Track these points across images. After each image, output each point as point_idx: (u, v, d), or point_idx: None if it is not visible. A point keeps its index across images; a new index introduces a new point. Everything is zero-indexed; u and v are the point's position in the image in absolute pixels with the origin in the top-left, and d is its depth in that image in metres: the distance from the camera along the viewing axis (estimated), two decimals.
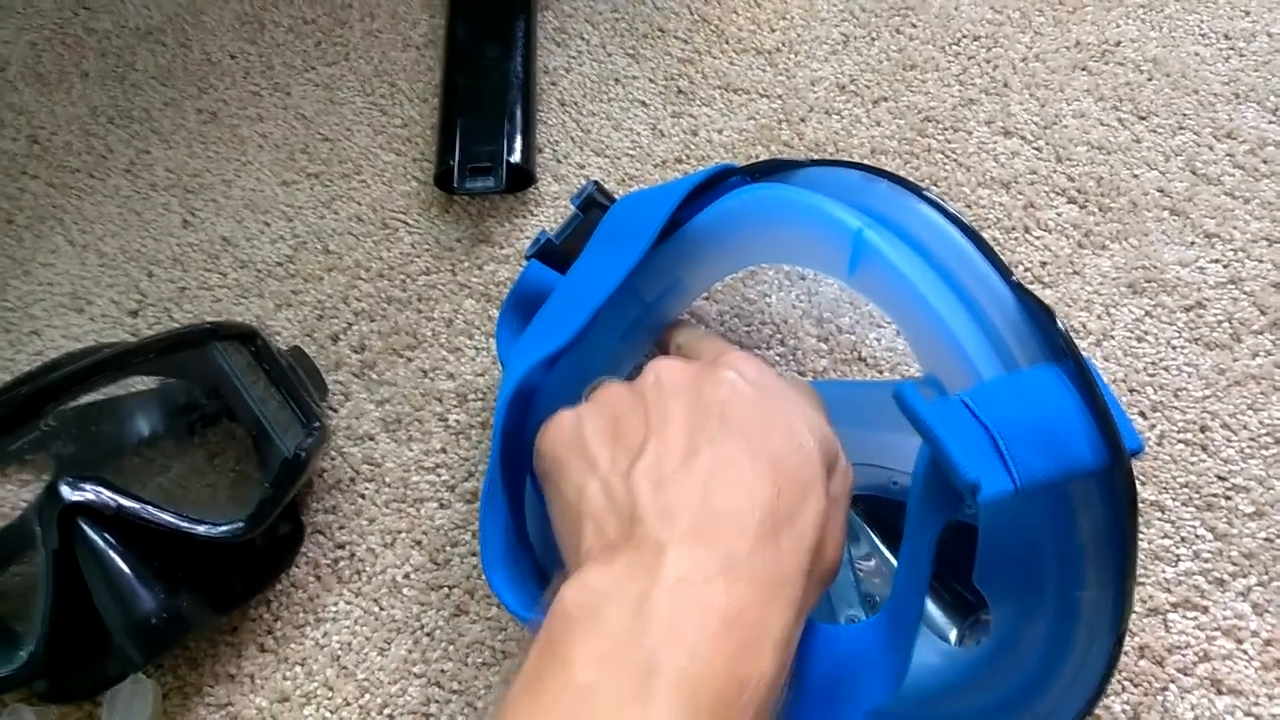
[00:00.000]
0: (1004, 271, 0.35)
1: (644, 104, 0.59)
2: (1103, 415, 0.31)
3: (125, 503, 0.40)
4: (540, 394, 0.42)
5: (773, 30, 0.61)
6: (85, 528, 0.39)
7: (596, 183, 0.44)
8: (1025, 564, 0.34)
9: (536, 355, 0.39)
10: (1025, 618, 0.34)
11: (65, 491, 0.39)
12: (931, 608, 0.40)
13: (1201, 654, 0.42)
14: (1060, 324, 0.32)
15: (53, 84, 0.62)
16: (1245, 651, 0.41)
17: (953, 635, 0.39)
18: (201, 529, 0.41)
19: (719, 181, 0.42)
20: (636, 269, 0.40)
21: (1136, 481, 0.44)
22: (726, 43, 0.61)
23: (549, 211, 0.56)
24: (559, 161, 0.57)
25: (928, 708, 0.37)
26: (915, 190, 0.37)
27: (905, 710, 0.36)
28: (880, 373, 0.49)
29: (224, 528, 0.41)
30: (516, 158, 0.55)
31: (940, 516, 0.33)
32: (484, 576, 0.45)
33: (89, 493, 0.39)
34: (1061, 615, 0.33)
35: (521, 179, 0.56)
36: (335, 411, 0.50)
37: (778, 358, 0.50)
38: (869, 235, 0.36)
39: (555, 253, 0.44)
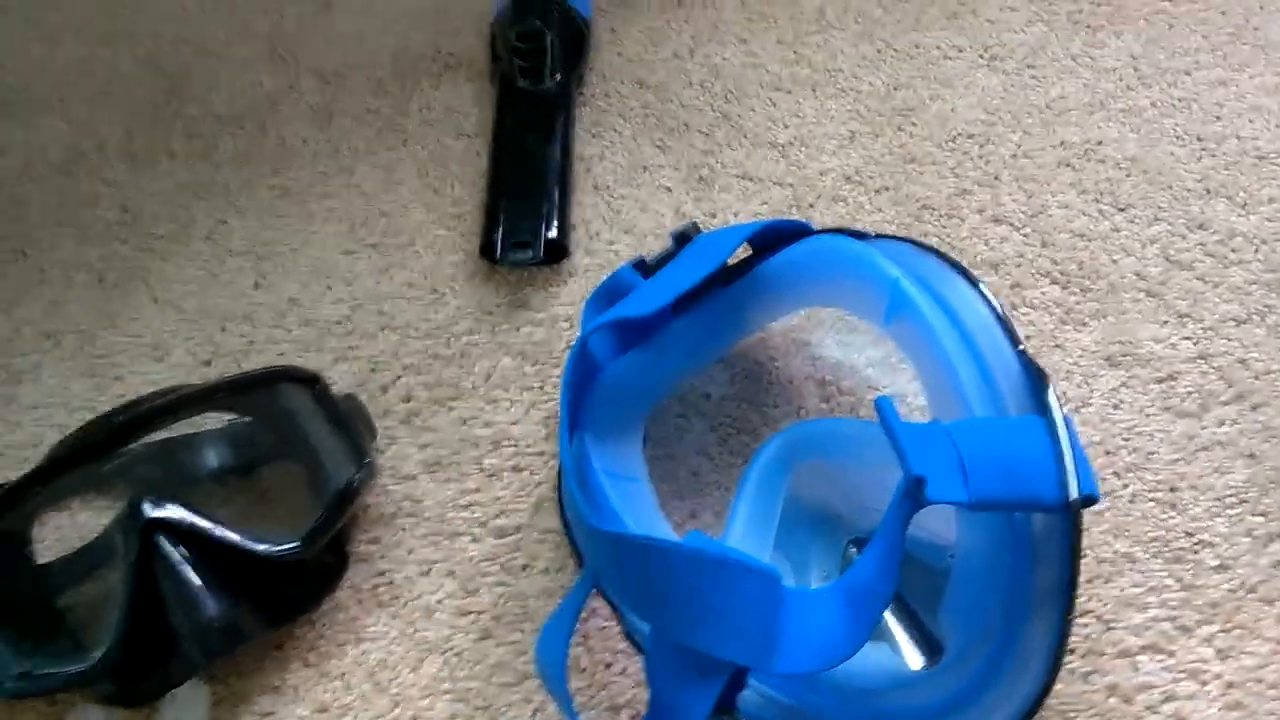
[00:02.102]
0: (1015, 340, 0.41)
1: (669, 189, 0.65)
2: (1063, 458, 0.36)
3: (198, 521, 0.45)
4: (610, 374, 0.50)
5: (786, 126, 0.68)
6: (162, 541, 0.44)
7: (695, 222, 0.53)
8: (985, 596, 0.38)
9: (607, 318, 0.47)
10: (972, 643, 0.38)
11: (146, 509, 0.44)
12: (904, 640, 0.44)
13: (1167, 694, 0.45)
14: (1050, 388, 0.38)
15: (143, 161, 0.70)
16: (1209, 692, 0.45)
17: (916, 667, 0.43)
18: (261, 547, 0.46)
19: (791, 237, 0.50)
20: (710, 301, 0.50)
21: (1111, 535, 0.49)
22: (744, 137, 0.67)
23: (581, 282, 0.62)
24: (591, 238, 0.64)
25: (866, 699, 0.41)
26: (955, 266, 0.44)
27: (843, 694, 0.41)
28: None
29: (281, 547, 0.46)
30: (554, 234, 0.62)
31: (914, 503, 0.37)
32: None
33: (167, 510, 0.44)
34: (1005, 643, 0.37)
35: (557, 253, 0.62)
36: (382, 453, 0.56)
37: (784, 414, 0.55)
38: (905, 285, 0.43)
39: (647, 269, 0.52)
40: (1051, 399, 0.38)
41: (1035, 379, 0.39)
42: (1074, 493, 0.35)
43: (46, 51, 0.78)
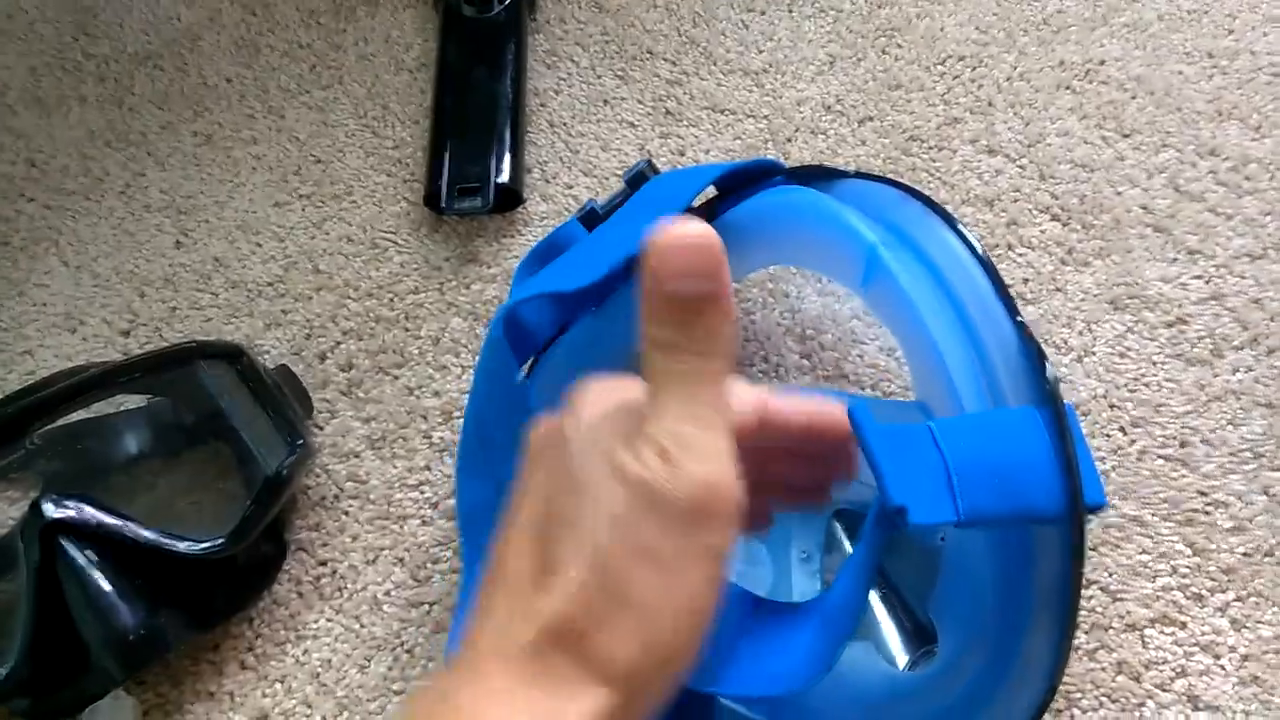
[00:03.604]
0: (1012, 310, 0.35)
1: (632, 125, 0.60)
2: (1068, 465, 0.31)
3: (107, 520, 0.40)
4: (559, 346, 0.45)
5: (760, 51, 0.61)
6: (67, 545, 0.40)
7: (649, 160, 0.46)
8: (978, 598, 0.34)
9: (536, 289, 0.40)
10: (968, 649, 0.34)
11: (48, 509, 0.39)
12: (890, 630, 0.40)
13: (1179, 669, 0.41)
14: (1049, 371, 0.33)
15: (51, 108, 0.63)
16: (1223, 667, 0.41)
17: (903, 661, 0.39)
18: (182, 546, 0.41)
19: (761, 177, 0.44)
20: None
21: (1117, 498, 0.45)
22: (714, 64, 0.61)
23: (536, 230, 0.56)
24: (547, 182, 0.58)
25: (860, 712, 0.37)
26: (944, 216, 0.38)
27: (837, 709, 0.36)
28: (862, 389, 0.49)
29: (205, 545, 0.42)
30: (504, 178, 0.56)
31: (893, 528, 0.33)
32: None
33: (71, 510, 0.40)
34: (1000, 654, 0.33)
35: (509, 199, 0.57)
36: (321, 429, 0.51)
37: (760, 374, 0.50)
38: (882, 253, 0.37)
39: (598, 221, 0.46)
40: (1053, 385, 0.33)
41: (1034, 361, 0.34)
42: (1078, 504, 0.31)
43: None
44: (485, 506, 0.38)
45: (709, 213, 0.46)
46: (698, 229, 0.25)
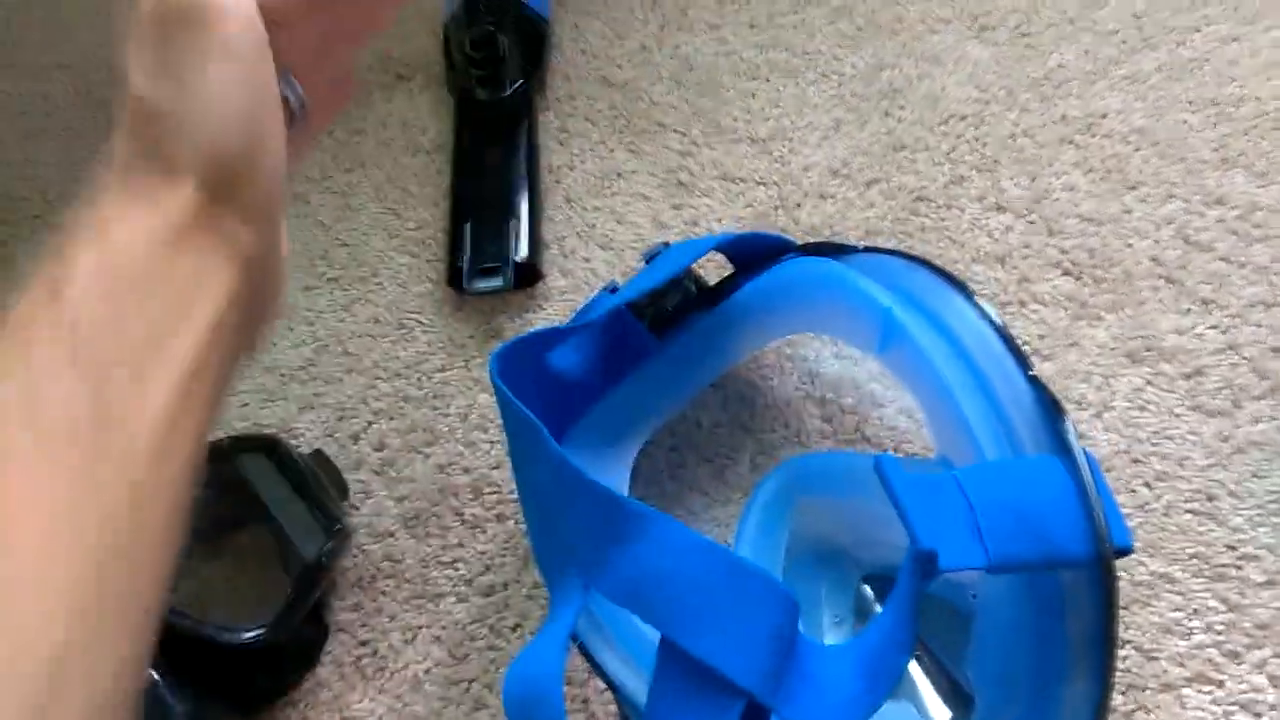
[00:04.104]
0: (1025, 365, 0.37)
1: (645, 197, 0.61)
2: (1092, 507, 0.32)
3: None
4: (592, 411, 0.48)
5: (766, 119, 0.63)
6: None
7: (666, 244, 0.49)
8: (1013, 653, 0.34)
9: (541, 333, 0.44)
10: (1005, 703, 0.35)
11: None
12: (929, 692, 0.41)
13: None
14: (1067, 423, 0.34)
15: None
16: None
17: None
18: (226, 637, 0.42)
19: (773, 255, 0.47)
20: (692, 328, 0.47)
21: (1145, 554, 0.45)
22: (722, 133, 0.63)
23: (557, 305, 0.58)
24: (565, 256, 0.59)
25: None
26: (950, 280, 0.40)
27: None
28: (884, 450, 0.50)
29: (247, 635, 0.43)
30: (523, 256, 0.57)
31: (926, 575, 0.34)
32: (502, 668, 0.46)
33: None
34: (1038, 707, 0.33)
35: (529, 276, 0.58)
36: (357, 509, 0.52)
37: (782, 439, 0.51)
38: (898, 314, 0.39)
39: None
40: (1069, 434, 0.34)
41: (1050, 410, 0.35)
42: (1105, 545, 0.32)
43: None
44: (548, 549, 0.40)
45: (727, 288, 0.48)
46: None
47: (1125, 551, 0.32)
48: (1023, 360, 0.37)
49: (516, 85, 0.63)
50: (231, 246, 0.28)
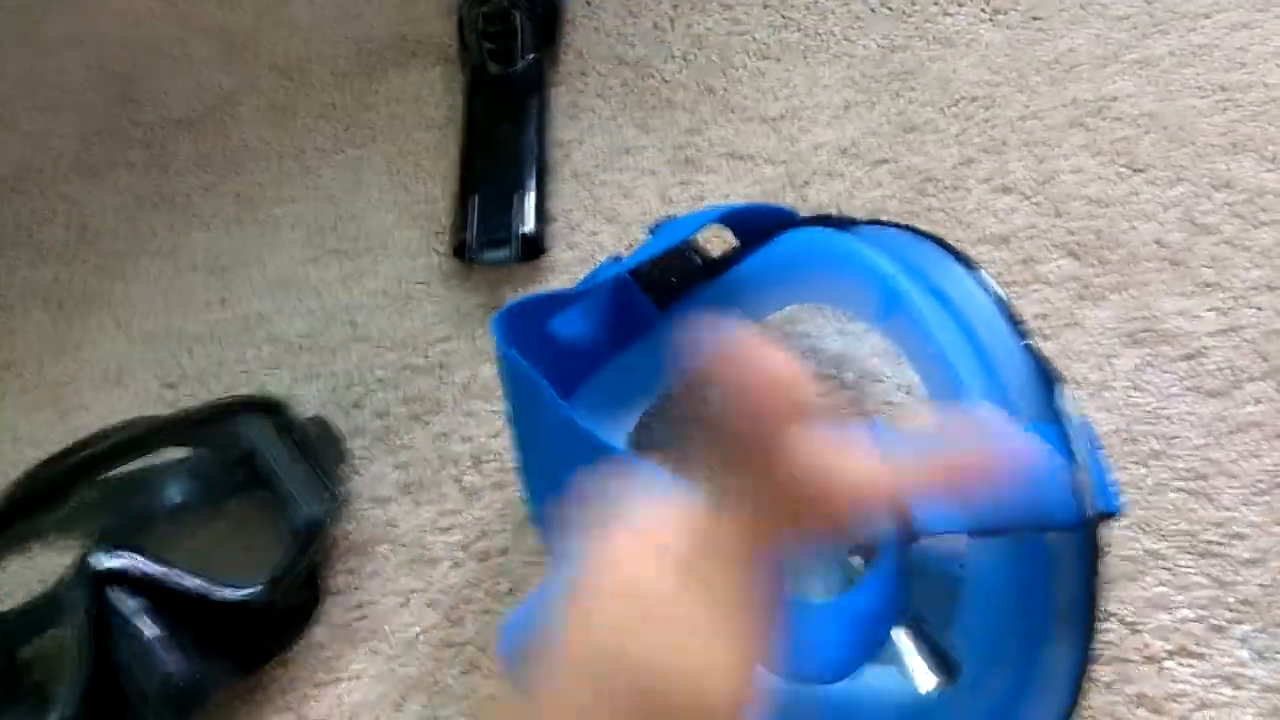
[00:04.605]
0: (1022, 334, 0.37)
1: (653, 173, 0.61)
2: (1077, 472, 0.32)
3: (153, 570, 0.42)
4: (594, 380, 0.48)
5: (776, 99, 0.63)
6: (117, 594, 0.41)
7: (671, 217, 0.49)
8: (1000, 617, 0.35)
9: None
10: (990, 666, 0.35)
11: (97, 560, 0.42)
12: (915, 659, 0.41)
13: (1200, 701, 0.41)
14: (1059, 391, 0.34)
15: (101, 174, 0.66)
16: (1244, 698, 0.41)
17: (928, 688, 0.40)
18: (225, 593, 0.43)
19: (776, 228, 0.47)
20: (696, 298, 0.47)
21: (1134, 530, 0.45)
22: (732, 112, 0.63)
23: (562, 278, 0.58)
24: (572, 230, 0.60)
25: None
26: (953, 253, 0.41)
27: None
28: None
29: (245, 592, 0.43)
30: (529, 229, 0.58)
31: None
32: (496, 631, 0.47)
33: (119, 561, 0.42)
34: (1022, 669, 0.34)
35: (535, 249, 0.58)
36: (359, 475, 0.53)
37: None
38: (899, 283, 0.39)
39: None
40: (1063, 401, 0.34)
41: (1046, 380, 0.35)
42: (1090, 510, 0.32)
43: None
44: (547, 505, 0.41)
45: (731, 260, 0.48)
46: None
47: (1110, 515, 0.32)
48: (1020, 330, 0.37)
49: (529, 60, 0.64)
50: None
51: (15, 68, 0.73)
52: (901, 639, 0.43)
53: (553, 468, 0.39)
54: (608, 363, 0.49)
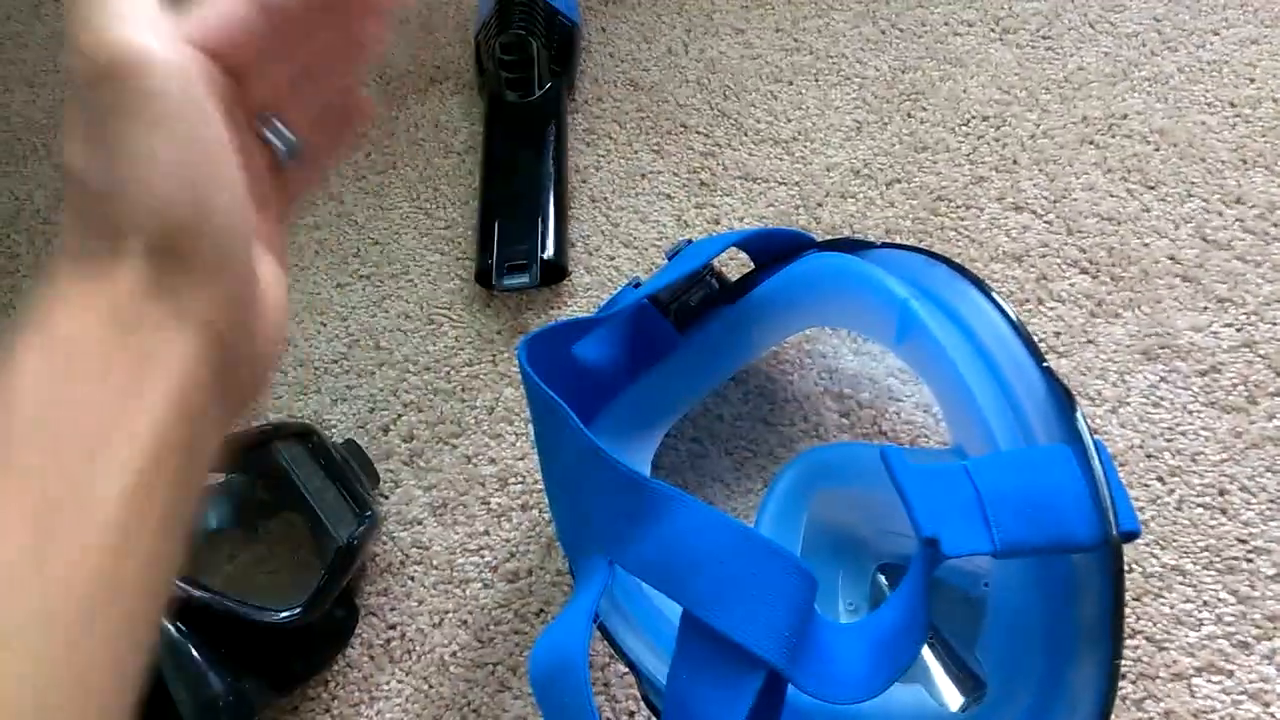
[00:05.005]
0: (1038, 357, 0.38)
1: (669, 197, 0.63)
2: (1099, 492, 0.33)
3: (195, 593, 0.43)
4: (616, 401, 0.49)
5: (789, 121, 0.64)
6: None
7: (689, 240, 0.50)
8: (1024, 636, 0.35)
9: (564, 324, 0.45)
10: (1015, 685, 0.35)
11: None
12: (942, 677, 0.42)
13: (1228, 718, 0.42)
14: (1078, 413, 0.35)
15: None
16: (1272, 715, 0.42)
17: (955, 706, 0.41)
18: (263, 616, 0.44)
19: (792, 251, 0.48)
20: (714, 321, 0.49)
21: (1157, 547, 0.46)
22: (745, 135, 0.64)
23: (583, 302, 0.59)
24: (590, 254, 0.61)
25: None
26: (968, 276, 0.41)
27: None
28: (901, 444, 0.51)
29: (282, 615, 0.44)
30: (549, 254, 0.59)
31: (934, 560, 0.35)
32: (526, 652, 0.48)
33: None
34: (1048, 688, 0.34)
35: (555, 273, 0.60)
36: (386, 498, 0.54)
37: (800, 433, 0.52)
38: (915, 306, 0.40)
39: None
40: (1081, 423, 0.35)
41: (1062, 400, 0.36)
42: (1113, 530, 0.33)
43: (29, 96, 0.76)
44: (573, 530, 0.42)
45: (748, 284, 0.49)
46: None
47: (1133, 535, 0.33)
48: (1036, 352, 0.38)
49: (546, 88, 0.65)
50: (190, 315, 0.26)
51: (50, 100, 0.75)
52: (927, 655, 0.44)
53: (576, 491, 0.40)
54: (629, 386, 0.50)
